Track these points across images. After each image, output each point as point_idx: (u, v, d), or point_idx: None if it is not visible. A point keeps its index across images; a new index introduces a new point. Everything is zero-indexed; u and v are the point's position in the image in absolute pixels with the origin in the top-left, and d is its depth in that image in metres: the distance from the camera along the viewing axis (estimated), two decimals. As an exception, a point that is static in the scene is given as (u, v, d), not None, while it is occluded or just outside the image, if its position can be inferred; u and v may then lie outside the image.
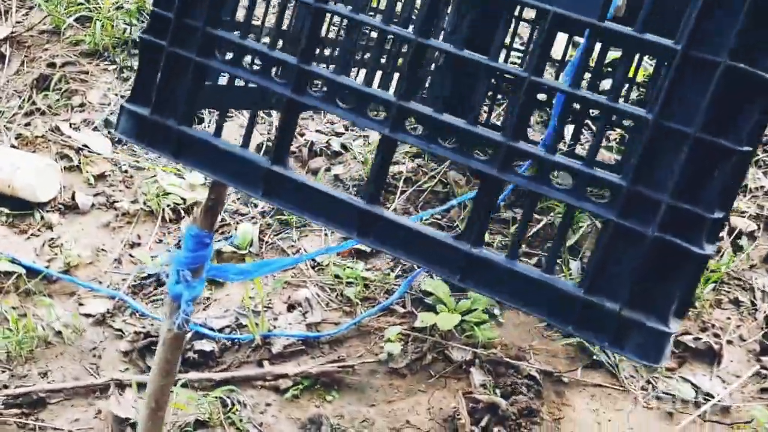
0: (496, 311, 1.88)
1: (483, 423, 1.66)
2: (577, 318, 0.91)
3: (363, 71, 1.90)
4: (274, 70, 0.99)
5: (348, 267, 1.98)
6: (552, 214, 2.04)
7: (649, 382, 1.74)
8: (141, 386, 1.64)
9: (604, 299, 0.88)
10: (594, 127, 2.32)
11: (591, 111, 1.99)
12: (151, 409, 1.23)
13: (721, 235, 1.96)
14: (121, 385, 1.76)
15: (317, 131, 2.38)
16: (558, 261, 1.93)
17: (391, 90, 1.90)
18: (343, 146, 2.33)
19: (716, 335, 1.80)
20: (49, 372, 1.77)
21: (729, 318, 1.85)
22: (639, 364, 1.74)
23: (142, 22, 2.73)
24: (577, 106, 1.72)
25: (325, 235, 2.11)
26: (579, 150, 2.12)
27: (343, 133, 2.38)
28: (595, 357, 1.78)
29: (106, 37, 2.66)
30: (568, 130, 2.09)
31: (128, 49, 2.67)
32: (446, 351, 1.81)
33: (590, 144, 2.14)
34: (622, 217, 0.86)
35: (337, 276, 1.97)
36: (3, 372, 1.76)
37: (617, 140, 2.28)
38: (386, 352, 1.81)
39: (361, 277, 1.96)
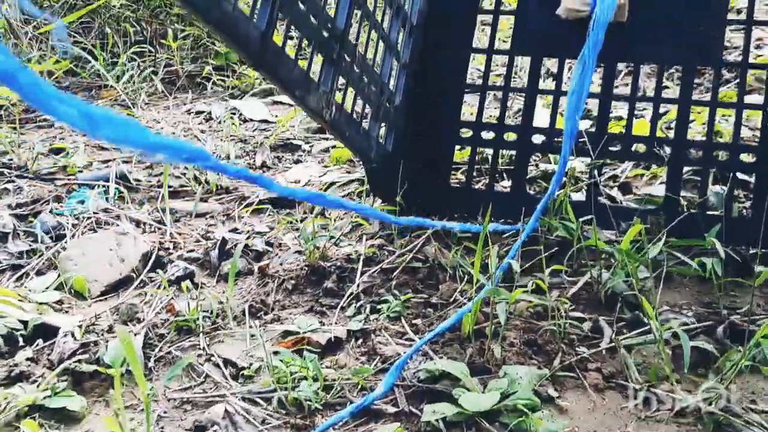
0: (551, 391, 1.13)
1: None
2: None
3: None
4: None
5: (296, 362, 1.20)
6: (597, 266, 1.38)
7: None
8: None
9: None
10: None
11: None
12: None
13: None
14: None
15: (232, 231, 1.70)
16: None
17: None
18: (269, 243, 1.64)
19: None
20: None
21: None
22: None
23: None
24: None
25: (251, 336, 1.34)
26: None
27: (267, 232, 1.70)
28: (740, 425, 1.03)
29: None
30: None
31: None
32: (484, 459, 1.01)
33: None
34: None
35: (278, 380, 1.18)
36: None
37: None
38: (380, 470, 1.00)
39: (320, 372, 1.18)
